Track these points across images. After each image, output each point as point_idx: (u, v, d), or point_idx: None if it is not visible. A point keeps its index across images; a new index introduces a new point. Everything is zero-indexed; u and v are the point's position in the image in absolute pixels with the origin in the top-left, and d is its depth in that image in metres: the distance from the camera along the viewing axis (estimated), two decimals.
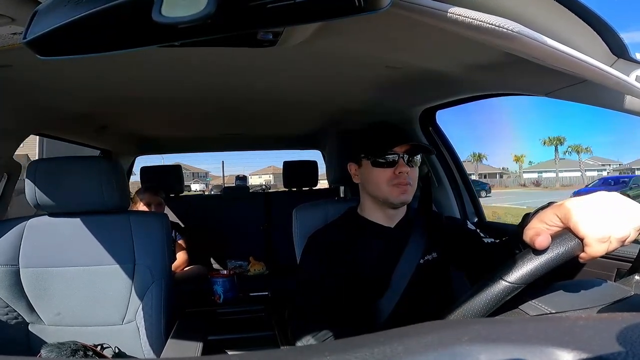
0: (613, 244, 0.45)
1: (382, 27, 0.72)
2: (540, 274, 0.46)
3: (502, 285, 0.47)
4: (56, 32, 0.30)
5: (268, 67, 1.08)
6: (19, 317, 1.09)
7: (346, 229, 1.00)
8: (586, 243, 0.45)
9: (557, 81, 0.79)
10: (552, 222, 0.49)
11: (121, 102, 1.45)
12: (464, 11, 0.45)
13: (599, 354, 0.25)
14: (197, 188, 16.59)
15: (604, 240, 0.45)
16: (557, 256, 0.46)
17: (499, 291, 0.47)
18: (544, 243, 0.46)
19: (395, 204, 0.95)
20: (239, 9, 0.30)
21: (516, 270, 0.46)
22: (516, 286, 0.46)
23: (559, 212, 0.49)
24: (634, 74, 0.62)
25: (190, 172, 30.27)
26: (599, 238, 0.45)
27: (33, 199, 1.10)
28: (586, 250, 0.46)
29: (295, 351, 0.29)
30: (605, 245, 0.45)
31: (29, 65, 0.93)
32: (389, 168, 0.93)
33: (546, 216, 0.50)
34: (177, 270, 2.00)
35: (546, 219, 0.49)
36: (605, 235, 0.45)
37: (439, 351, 0.27)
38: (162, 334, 1.11)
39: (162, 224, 1.19)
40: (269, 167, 32.31)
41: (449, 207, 1.63)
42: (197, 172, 31.25)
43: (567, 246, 0.46)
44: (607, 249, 0.45)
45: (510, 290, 0.46)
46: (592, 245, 0.45)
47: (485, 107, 15.04)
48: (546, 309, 0.47)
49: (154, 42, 0.31)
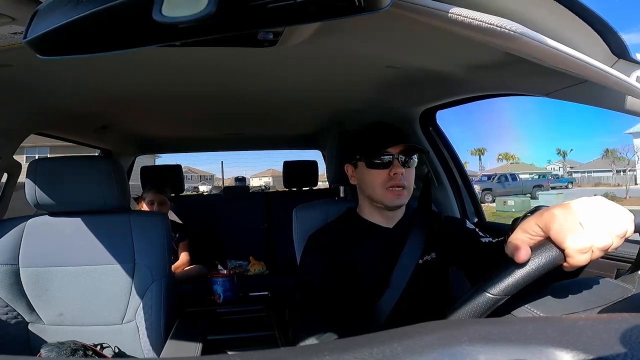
0: (595, 253, 0.45)
1: (382, 27, 0.72)
2: (523, 285, 0.46)
3: (485, 297, 0.47)
4: (56, 32, 0.30)
5: (268, 67, 1.08)
6: (19, 317, 1.09)
7: (346, 229, 1.00)
8: (567, 254, 0.45)
9: (558, 81, 0.79)
10: (534, 232, 0.48)
11: (121, 102, 1.45)
12: (464, 11, 0.45)
13: (599, 355, 0.25)
14: (204, 189, 18.12)
15: (585, 250, 0.44)
16: (538, 268, 0.46)
17: (482, 303, 0.47)
18: (522, 257, 0.46)
19: (389, 207, 0.95)
20: (240, 9, 0.30)
21: (498, 282, 0.47)
22: (499, 298, 0.46)
23: (539, 221, 0.48)
24: (635, 75, 0.62)
25: (197, 175, 31.81)
26: (579, 249, 0.44)
27: (33, 199, 1.10)
28: (568, 261, 0.45)
29: (295, 351, 0.29)
30: (587, 255, 0.44)
31: (29, 65, 0.93)
32: (383, 169, 0.93)
33: (528, 226, 0.49)
34: (177, 270, 2.00)
35: (529, 229, 0.49)
36: (586, 246, 0.44)
37: (438, 351, 0.27)
38: (162, 334, 1.11)
39: (162, 223, 1.19)
40: (268, 170, 33.19)
41: (449, 207, 1.63)
42: (203, 175, 32.73)
43: (548, 258, 0.46)
44: (590, 258, 0.45)
45: (493, 302, 0.47)
46: (573, 257, 0.44)
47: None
48: (539, 314, 0.47)
49: (154, 42, 0.31)
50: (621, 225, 0.45)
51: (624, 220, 0.45)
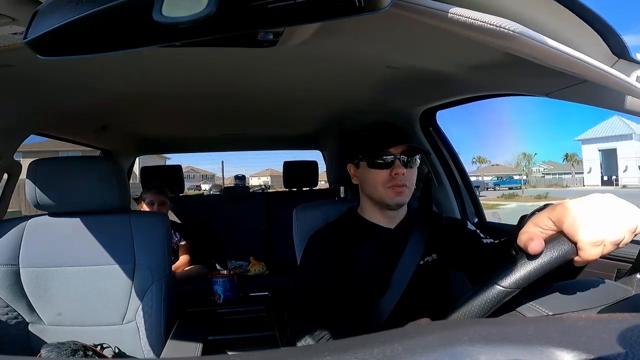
0: (607, 247, 0.45)
1: (383, 27, 0.72)
2: (534, 278, 0.46)
3: (496, 290, 0.47)
4: (56, 32, 0.30)
5: (268, 67, 1.08)
6: (19, 317, 1.09)
7: (346, 229, 1.00)
8: (580, 247, 0.45)
9: (558, 81, 0.79)
10: (546, 226, 0.49)
11: (121, 102, 1.45)
12: (464, 11, 0.45)
13: (599, 355, 0.25)
14: (205, 187, 19.06)
15: (598, 244, 0.45)
16: (550, 261, 0.46)
17: (493, 296, 0.47)
18: (537, 248, 0.46)
19: (390, 205, 0.95)
20: (240, 9, 0.30)
21: (510, 275, 0.47)
22: (510, 291, 0.47)
23: (552, 215, 0.48)
24: (635, 75, 0.62)
25: (200, 175, 32.89)
26: (592, 242, 0.44)
27: (33, 199, 1.10)
28: (580, 254, 0.46)
29: (295, 351, 0.29)
30: (599, 248, 0.45)
31: (29, 65, 0.93)
32: (385, 169, 0.92)
33: (540, 220, 0.50)
34: (177, 270, 2.00)
35: (540, 223, 0.49)
36: (598, 239, 0.44)
37: (439, 351, 0.27)
38: (162, 334, 1.11)
39: (163, 223, 1.19)
40: (267, 169, 33.94)
41: (449, 208, 1.63)
42: (205, 174, 33.72)
43: (561, 251, 0.46)
44: (602, 252, 0.45)
45: (504, 295, 0.47)
46: (585, 250, 0.45)
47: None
48: (544, 311, 0.47)
49: (154, 42, 0.31)
50: (632, 220, 0.46)
51: (635, 216, 0.46)
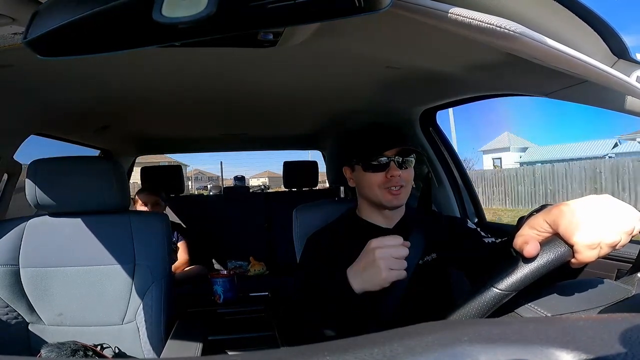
0: (604, 250, 0.45)
1: (382, 28, 0.72)
2: (530, 281, 0.46)
3: (493, 292, 0.47)
4: (56, 32, 0.30)
5: (268, 67, 1.07)
6: (19, 317, 1.09)
7: (345, 230, 1.00)
8: (576, 250, 0.45)
9: (558, 82, 0.79)
10: (542, 229, 0.49)
11: (121, 102, 1.45)
12: (464, 11, 0.45)
13: (599, 355, 0.25)
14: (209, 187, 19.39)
15: (594, 246, 0.44)
16: (546, 263, 0.46)
17: (490, 298, 0.47)
18: (532, 252, 0.46)
19: (388, 207, 0.95)
20: (239, 9, 0.30)
21: (506, 277, 0.47)
22: (506, 293, 0.47)
23: (548, 217, 0.48)
24: (635, 75, 0.62)
25: (207, 177, 34.05)
26: (588, 244, 0.44)
27: (33, 199, 1.09)
28: (576, 257, 0.45)
29: (295, 351, 0.29)
30: (595, 251, 0.45)
31: (29, 65, 0.93)
32: (380, 172, 0.92)
33: (536, 222, 0.49)
34: (177, 270, 2.00)
35: (536, 225, 0.49)
36: (594, 242, 0.44)
37: (439, 351, 0.27)
38: (162, 334, 1.11)
39: (163, 224, 1.19)
40: (265, 171, 34.80)
41: (449, 207, 1.63)
42: (211, 176, 34.72)
43: (557, 253, 0.46)
44: (598, 254, 0.45)
45: (500, 298, 0.47)
46: (582, 252, 0.45)
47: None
48: (542, 312, 0.47)
49: (154, 42, 0.31)
50: (629, 222, 0.45)
51: (632, 217, 0.46)
